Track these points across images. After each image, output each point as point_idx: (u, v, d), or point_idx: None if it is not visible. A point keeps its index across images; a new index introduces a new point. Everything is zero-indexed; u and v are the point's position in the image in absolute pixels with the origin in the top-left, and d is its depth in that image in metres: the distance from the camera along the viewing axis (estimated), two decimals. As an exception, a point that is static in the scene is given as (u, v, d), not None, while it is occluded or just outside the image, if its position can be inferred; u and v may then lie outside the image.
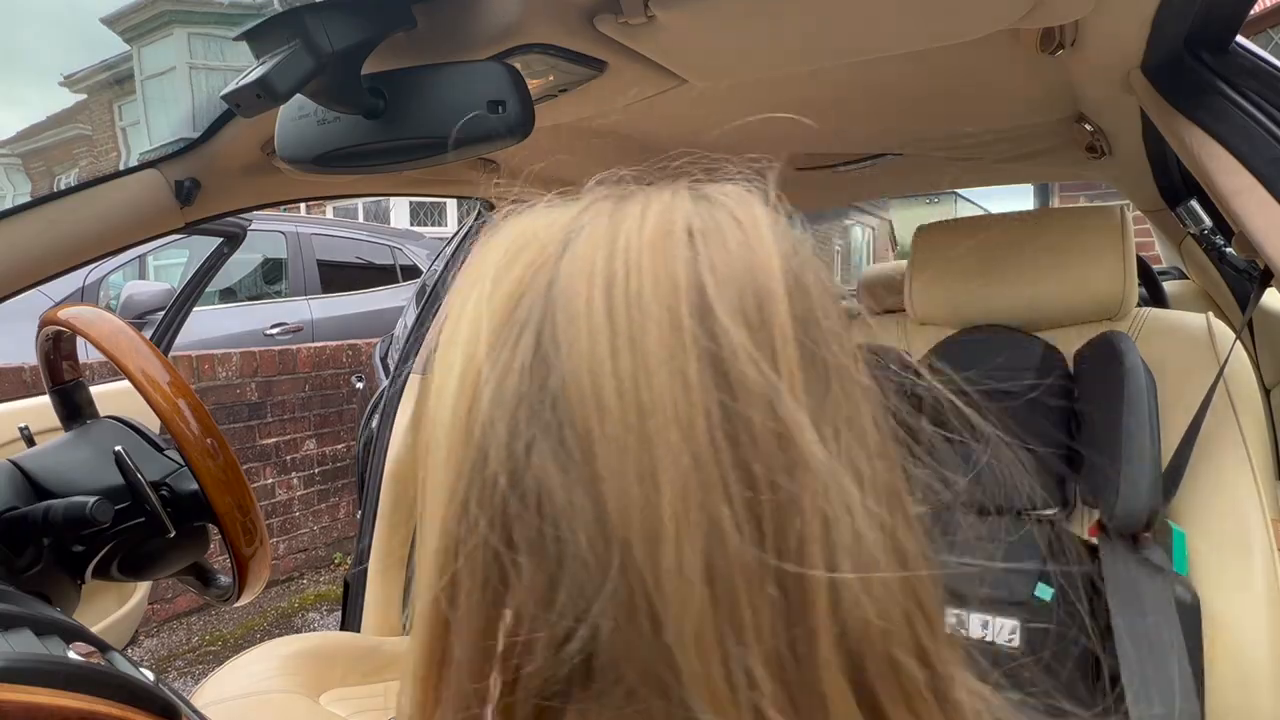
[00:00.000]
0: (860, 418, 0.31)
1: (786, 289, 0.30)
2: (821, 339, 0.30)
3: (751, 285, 0.30)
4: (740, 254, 0.31)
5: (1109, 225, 1.22)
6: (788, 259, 0.32)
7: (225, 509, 0.76)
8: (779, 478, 0.27)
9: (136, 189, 0.96)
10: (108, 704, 0.50)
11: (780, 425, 0.28)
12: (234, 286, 4.45)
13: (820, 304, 0.32)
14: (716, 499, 0.26)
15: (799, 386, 0.29)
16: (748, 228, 0.32)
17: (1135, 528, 1.02)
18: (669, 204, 0.33)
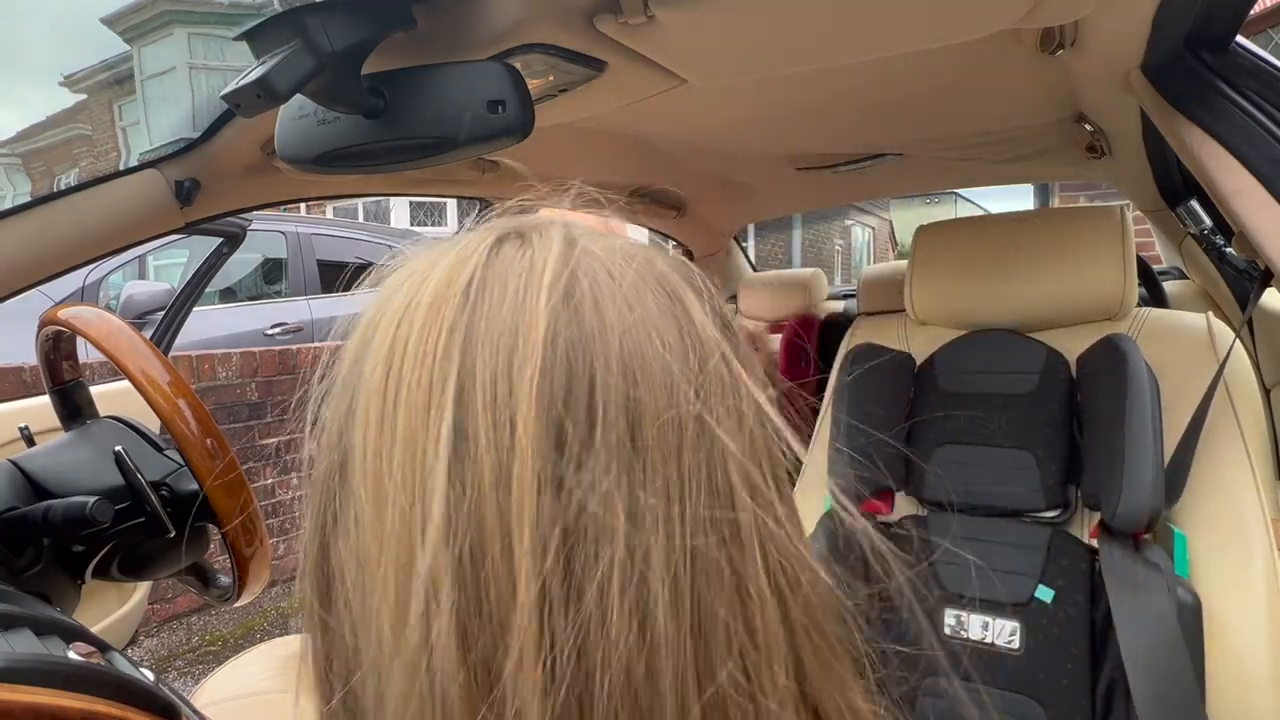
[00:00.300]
0: (681, 482, 0.28)
1: (543, 359, 0.28)
2: (600, 409, 0.27)
3: (507, 352, 0.28)
4: (508, 315, 0.29)
5: (1109, 225, 1.22)
6: (555, 319, 0.29)
7: (225, 509, 0.76)
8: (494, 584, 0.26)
9: (136, 189, 0.96)
10: (107, 704, 0.50)
11: (506, 526, 0.26)
12: (234, 286, 4.45)
13: (608, 368, 0.28)
14: (440, 595, 0.26)
15: (535, 466, 0.26)
16: (528, 281, 0.30)
17: (1137, 528, 1.02)
18: (464, 252, 0.32)
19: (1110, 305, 1.22)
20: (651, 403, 0.28)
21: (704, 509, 0.28)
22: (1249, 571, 0.99)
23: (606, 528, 0.26)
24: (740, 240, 2.64)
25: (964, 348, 1.32)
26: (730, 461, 0.29)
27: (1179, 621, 0.95)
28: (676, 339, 0.30)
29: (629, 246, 0.34)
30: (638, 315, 0.30)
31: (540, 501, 0.26)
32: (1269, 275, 1.06)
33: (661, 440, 0.28)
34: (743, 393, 0.31)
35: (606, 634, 0.26)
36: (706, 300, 0.33)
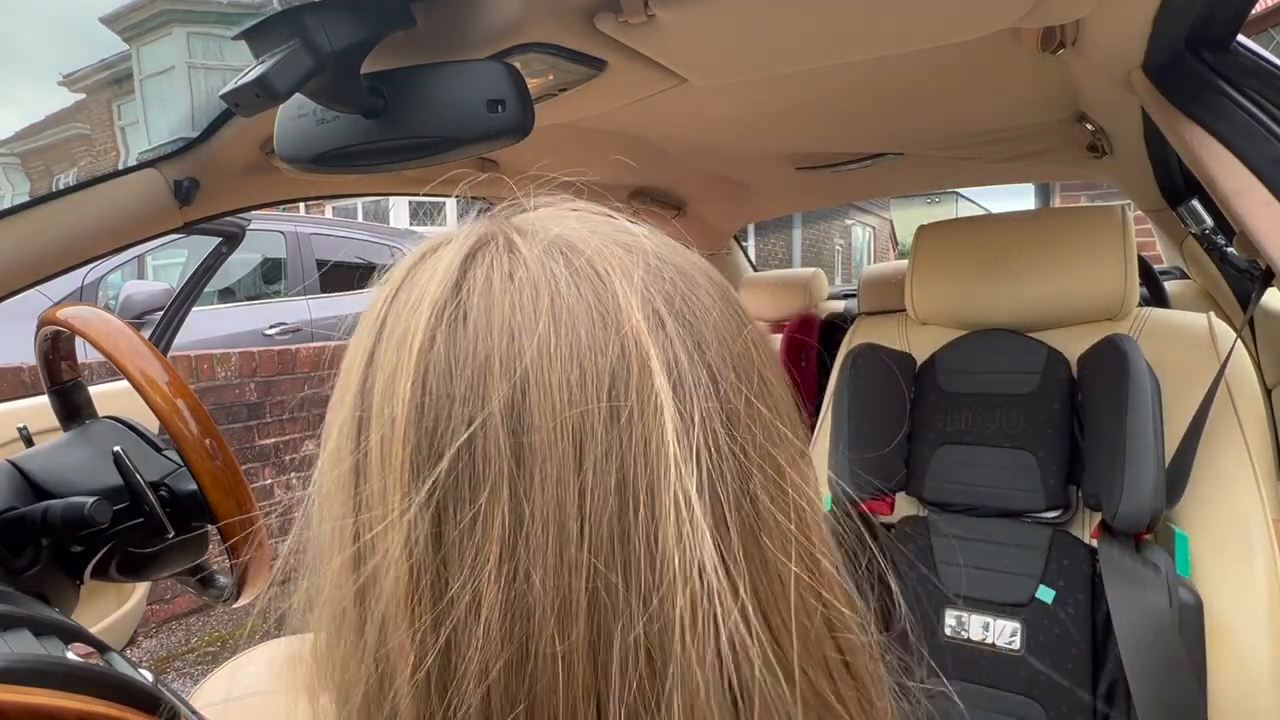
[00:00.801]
0: (554, 514, 0.26)
1: (414, 374, 0.28)
2: (476, 421, 0.27)
3: (393, 367, 0.29)
4: (403, 326, 0.29)
5: (1110, 225, 1.22)
6: (433, 331, 0.28)
7: (224, 509, 0.76)
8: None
9: (135, 188, 0.96)
10: (106, 704, 0.50)
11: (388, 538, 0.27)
12: (233, 286, 4.45)
13: (486, 375, 0.27)
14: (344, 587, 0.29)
15: (404, 486, 0.27)
16: (423, 290, 0.30)
17: (1138, 529, 1.02)
18: (403, 262, 0.33)
19: (1111, 305, 1.22)
20: (544, 405, 0.26)
21: (608, 522, 0.26)
22: (1250, 571, 0.99)
23: (480, 543, 0.26)
24: (740, 240, 2.64)
25: (965, 348, 1.32)
26: (651, 468, 0.26)
27: (1180, 621, 0.95)
28: (590, 327, 0.28)
29: (562, 231, 0.32)
30: (541, 306, 0.28)
31: (412, 520, 0.26)
32: (1270, 275, 1.06)
33: (555, 445, 0.26)
34: (684, 382, 0.28)
35: (478, 649, 0.25)
36: (647, 271, 0.30)
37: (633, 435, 0.26)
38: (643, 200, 1.83)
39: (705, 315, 0.30)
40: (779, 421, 0.31)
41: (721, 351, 0.30)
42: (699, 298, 0.31)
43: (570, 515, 0.26)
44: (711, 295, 0.32)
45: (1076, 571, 1.08)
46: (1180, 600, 0.97)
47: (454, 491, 0.26)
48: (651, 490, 0.26)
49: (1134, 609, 0.97)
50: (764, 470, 0.29)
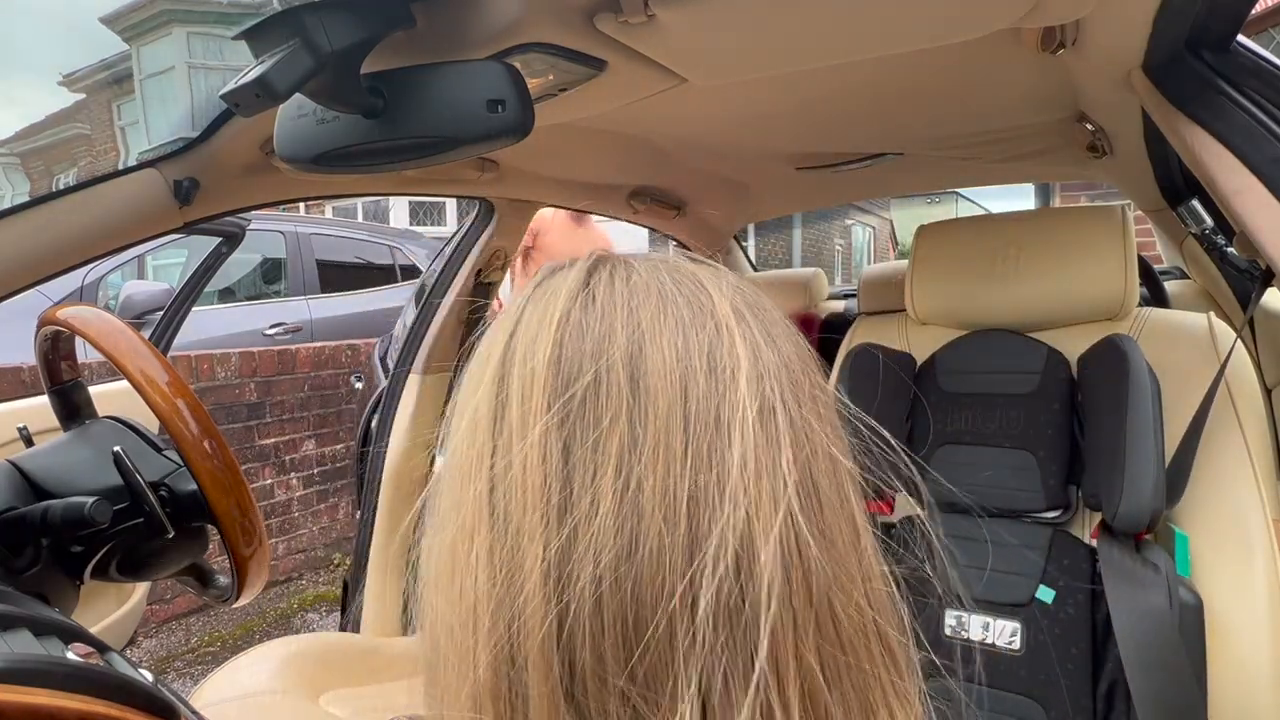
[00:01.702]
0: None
1: (554, 340, 0.36)
2: (603, 372, 0.35)
3: (532, 341, 0.37)
4: (539, 316, 0.38)
5: (1110, 225, 1.22)
6: (568, 310, 0.37)
7: (224, 509, 0.76)
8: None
9: (135, 189, 0.96)
10: (106, 704, 0.50)
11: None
12: (233, 286, 4.45)
13: (611, 340, 0.35)
14: (480, 526, 0.36)
15: (544, 416, 0.34)
16: (555, 292, 0.39)
17: (1138, 529, 1.02)
18: (528, 287, 0.41)
19: (1111, 305, 1.22)
20: (656, 358, 0.34)
21: (707, 446, 0.33)
22: (1250, 571, 0.99)
23: (600, 459, 0.33)
24: (740, 240, 2.64)
25: (965, 348, 1.32)
26: (735, 408, 0.34)
27: (1180, 621, 0.95)
28: (690, 312, 0.36)
29: (658, 257, 0.41)
30: (651, 295, 0.37)
31: (547, 439, 0.34)
32: (1270, 275, 1.06)
33: (665, 388, 0.34)
34: (761, 356, 0.36)
35: (593, 540, 0.32)
36: (729, 285, 0.39)
37: (724, 385, 0.34)
38: (643, 200, 1.83)
39: (775, 322, 0.39)
40: (830, 418, 0.38)
41: (787, 347, 0.38)
42: (770, 311, 0.40)
43: (676, 438, 0.33)
44: (779, 316, 0.41)
45: (1076, 571, 1.08)
46: (1180, 600, 0.97)
47: (580, 418, 0.34)
48: (735, 422, 0.34)
49: (1134, 609, 0.97)
50: (819, 439, 0.36)
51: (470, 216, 1.80)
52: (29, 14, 16.28)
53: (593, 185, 1.73)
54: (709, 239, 2.30)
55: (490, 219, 1.73)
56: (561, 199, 1.75)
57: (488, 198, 1.66)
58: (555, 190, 1.68)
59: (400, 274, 5.00)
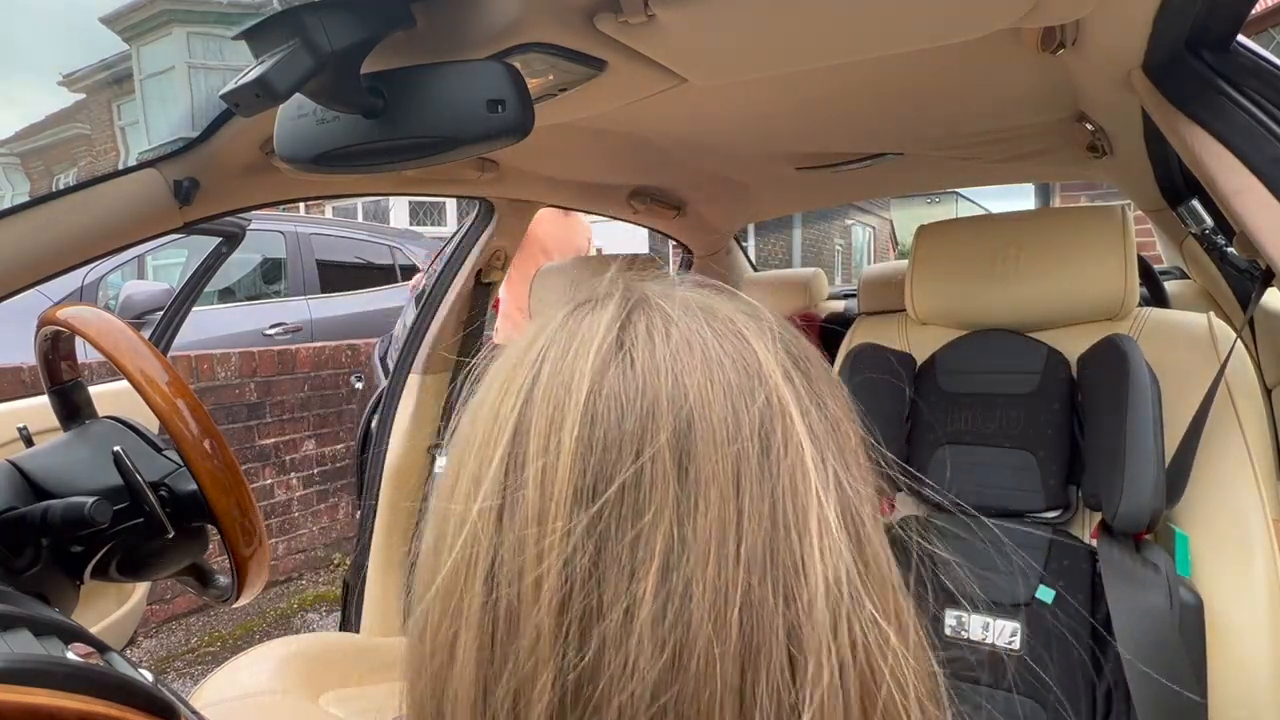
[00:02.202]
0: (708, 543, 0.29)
1: (584, 412, 0.31)
2: (644, 452, 0.30)
3: (557, 408, 0.31)
4: (564, 375, 0.32)
5: (1110, 225, 1.22)
6: (600, 374, 0.32)
7: (224, 509, 0.76)
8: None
9: (135, 189, 0.96)
10: (106, 704, 0.50)
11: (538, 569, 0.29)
12: (233, 286, 4.45)
13: (655, 411, 0.31)
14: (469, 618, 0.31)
15: (569, 505, 0.29)
16: (582, 342, 0.33)
17: (1138, 529, 1.02)
18: (544, 322, 0.36)
19: (1111, 305, 1.22)
20: (707, 439, 0.30)
21: (762, 544, 0.29)
22: (1250, 571, 0.99)
23: (640, 559, 0.29)
24: (740, 240, 2.64)
25: (965, 348, 1.32)
26: (796, 496, 0.30)
27: (1180, 621, 0.95)
28: (737, 377, 0.32)
29: (693, 296, 0.36)
30: (695, 359, 0.32)
31: (572, 533, 0.29)
32: (1270, 275, 1.06)
33: (716, 475, 0.30)
34: (814, 427, 0.32)
35: (628, 653, 0.28)
36: (773, 337, 0.35)
37: (780, 468, 0.30)
38: (643, 200, 1.83)
39: (820, 374, 0.36)
40: (865, 465, 0.36)
41: (835, 405, 0.35)
42: (813, 360, 0.36)
43: (729, 536, 0.29)
44: (819, 360, 0.37)
45: (1076, 571, 1.08)
46: (1180, 600, 0.97)
47: (619, 513, 0.29)
48: (798, 514, 0.30)
49: (1134, 609, 0.97)
50: (868, 501, 0.33)
51: (470, 216, 1.80)
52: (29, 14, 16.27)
53: (593, 185, 1.73)
54: (709, 239, 2.30)
55: (490, 219, 1.73)
56: (561, 199, 1.75)
57: (488, 198, 1.66)
58: (555, 190, 1.68)
59: (400, 274, 5.00)
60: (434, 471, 1.76)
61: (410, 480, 1.76)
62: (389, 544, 1.74)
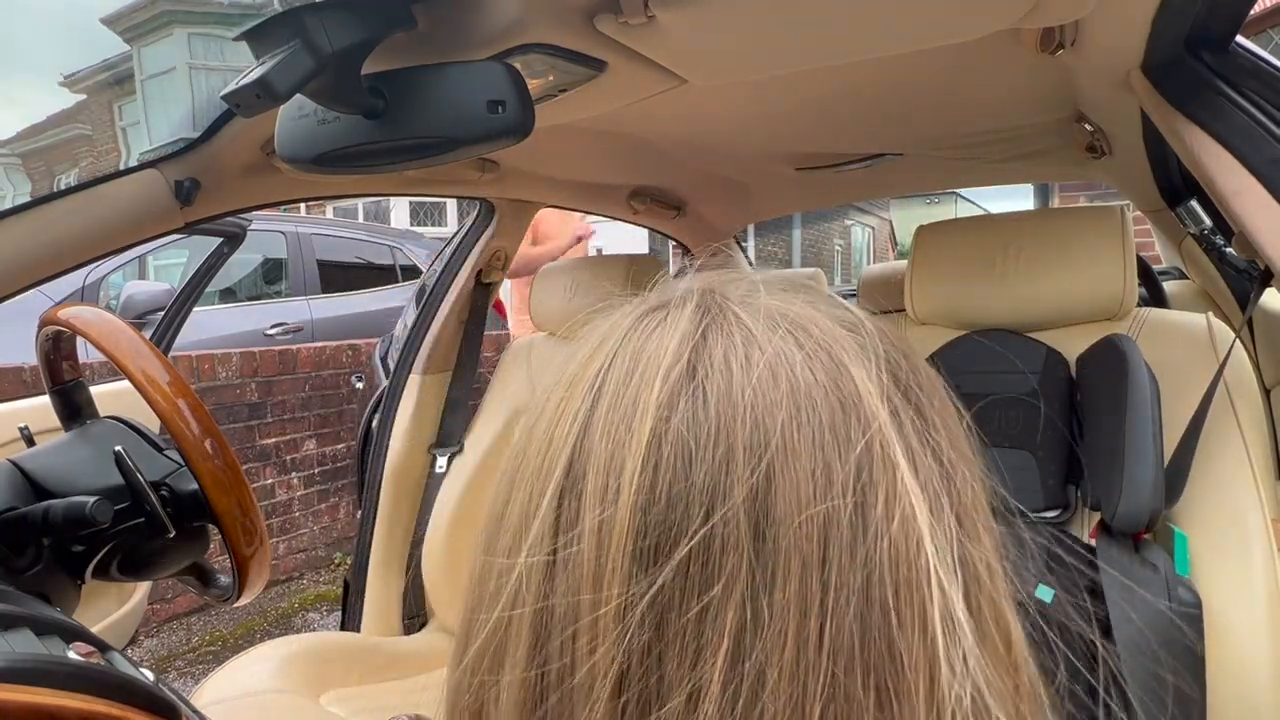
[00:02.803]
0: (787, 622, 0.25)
1: (645, 458, 0.26)
2: (715, 510, 0.25)
3: (617, 446, 0.27)
4: (626, 405, 0.27)
5: (1109, 225, 1.22)
6: (668, 410, 0.26)
7: (225, 509, 0.76)
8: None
9: (136, 189, 0.96)
10: (107, 704, 0.50)
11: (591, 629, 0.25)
12: (234, 286, 4.45)
13: (729, 461, 0.25)
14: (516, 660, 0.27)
15: (627, 567, 0.25)
16: (648, 365, 0.28)
17: (1137, 528, 1.02)
18: (612, 328, 0.31)
19: (1110, 305, 1.22)
20: (789, 498, 0.25)
21: (852, 628, 0.24)
22: (1249, 571, 0.99)
23: (707, 639, 0.24)
24: (740, 240, 2.64)
25: (964, 348, 1.32)
26: (899, 571, 0.25)
27: (1180, 621, 0.95)
28: (831, 416, 0.26)
29: (781, 305, 0.30)
30: (780, 393, 0.26)
31: (631, 604, 0.25)
32: (1269, 275, 1.06)
33: (799, 542, 0.25)
34: (930, 482, 0.27)
35: None
36: (878, 360, 0.29)
37: (879, 534, 0.25)
38: (643, 200, 1.83)
39: (931, 398, 0.29)
40: (990, 527, 0.30)
41: (951, 440, 0.29)
42: (923, 380, 0.30)
43: (812, 614, 0.24)
44: (931, 376, 0.31)
45: (1075, 571, 1.08)
46: (1179, 600, 0.97)
47: (683, 583, 0.25)
48: (902, 595, 0.25)
49: (1133, 609, 0.97)
50: (998, 574, 0.28)
51: (470, 217, 1.81)
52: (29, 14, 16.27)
53: (593, 185, 1.73)
54: (709, 239, 2.30)
55: (490, 219, 1.73)
56: (561, 199, 1.75)
57: (488, 198, 1.66)
58: (555, 190, 1.68)
59: (400, 274, 5.00)
60: (434, 471, 1.76)
61: (410, 480, 1.77)
62: (389, 544, 1.75)
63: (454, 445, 1.76)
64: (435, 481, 1.74)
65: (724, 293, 0.31)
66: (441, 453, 1.77)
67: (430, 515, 1.70)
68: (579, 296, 1.73)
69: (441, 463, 1.75)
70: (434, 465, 1.76)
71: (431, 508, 1.70)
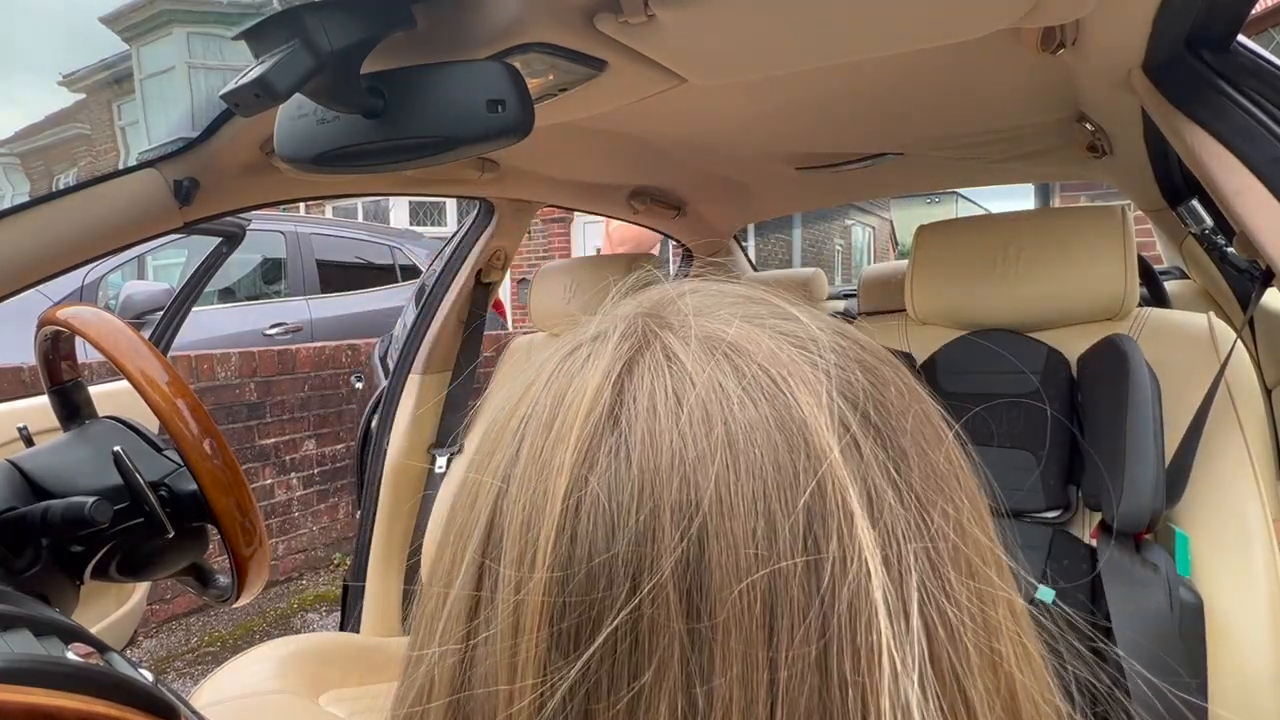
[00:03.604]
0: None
1: (559, 523, 0.23)
2: (642, 585, 0.21)
3: (532, 506, 0.23)
4: (544, 455, 0.24)
5: (1110, 225, 1.22)
6: (584, 467, 0.23)
7: (224, 509, 0.76)
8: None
9: (135, 189, 0.96)
10: (106, 704, 0.50)
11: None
12: (233, 286, 4.45)
13: (654, 525, 0.22)
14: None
15: (542, 654, 0.22)
16: (566, 412, 0.25)
17: (1138, 529, 1.02)
18: (543, 367, 0.28)
19: (1111, 305, 1.22)
20: (725, 565, 0.21)
21: (809, 709, 0.21)
22: (1250, 571, 0.99)
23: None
24: (740, 240, 2.64)
25: (965, 348, 1.32)
26: (864, 639, 0.21)
27: (1181, 621, 0.95)
28: (775, 457, 0.22)
29: (720, 327, 0.26)
30: (714, 437, 0.23)
31: (548, 696, 0.22)
32: (1270, 275, 1.06)
33: (739, 616, 0.21)
34: (894, 527, 0.22)
35: None
36: (831, 379, 0.24)
37: (836, 595, 0.21)
38: (643, 200, 1.83)
39: (901, 421, 0.25)
40: (985, 555, 0.25)
41: (925, 470, 0.24)
42: (890, 399, 0.25)
43: (759, 699, 0.21)
44: (903, 392, 0.26)
45: (1076, 571, 1.08)
46: (1181, 600, 0.97)
47: (610, 670, 0.21)
48: (859, 659, 0.21)
49: (1134, 609, 0.97)
50: (974, 620, 0.23)
51: (470, 216, 1.81)
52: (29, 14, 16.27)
53: (593, 185, 1.73)
54: (709, 239, 2.30)
55: (490, 219, 1.73)
56: (561, 199, 1.75)
57: (488, 198, 1.66)
58: (555, 190, 1.68)
59: (400, 274, 5.00)
60: (434, 471, 1.76)
61: (410, 480, 1.77)
62: (389, 544, 1.75)
63: (454, 445, 1.77)
64: (435, 481, 1.74)
65: (660, 316, 0.27)
66: (441, 453, 1.77)
67: (430, 515, 1.70)
68: (578, 296, 1.73)
69: (441, 463, 1.75)
70: (434, 465, 1.76)
71: (431, 508, 1.70)
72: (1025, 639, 0.26)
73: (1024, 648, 0.25)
